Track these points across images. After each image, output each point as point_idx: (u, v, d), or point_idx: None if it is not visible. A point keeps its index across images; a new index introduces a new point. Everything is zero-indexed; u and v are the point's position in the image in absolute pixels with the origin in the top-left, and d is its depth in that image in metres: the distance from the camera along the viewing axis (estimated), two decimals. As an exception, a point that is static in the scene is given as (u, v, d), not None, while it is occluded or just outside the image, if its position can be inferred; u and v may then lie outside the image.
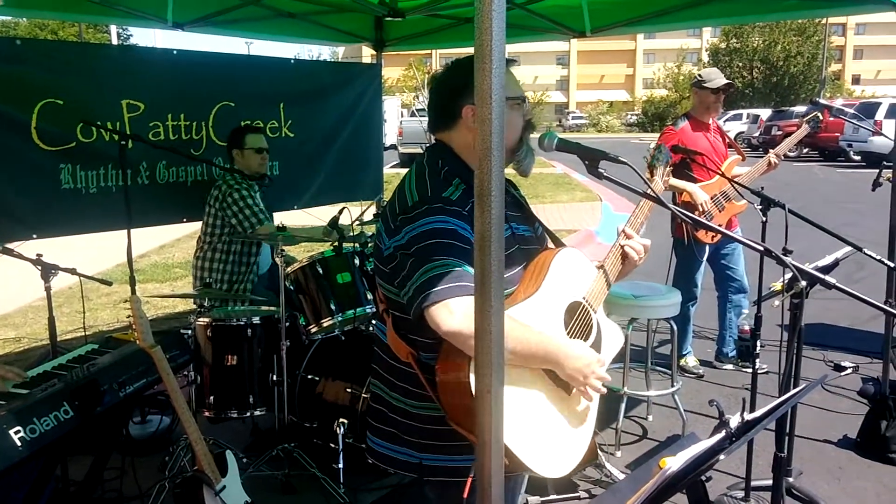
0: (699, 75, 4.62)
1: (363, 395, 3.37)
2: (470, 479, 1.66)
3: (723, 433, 1.48)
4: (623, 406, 3.75)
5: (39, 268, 2.87)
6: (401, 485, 3.29)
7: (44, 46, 5.89)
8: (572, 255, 1.92)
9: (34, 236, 3.85)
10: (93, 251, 6.86)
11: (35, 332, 5.83)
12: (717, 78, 4.58)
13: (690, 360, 4.83)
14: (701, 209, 4.30)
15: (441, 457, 1.81)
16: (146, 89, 4.26)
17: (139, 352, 2.56)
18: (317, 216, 5.48)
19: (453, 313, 1.58)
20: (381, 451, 1.91)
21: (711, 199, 4.39)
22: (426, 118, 2.03)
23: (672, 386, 3.89)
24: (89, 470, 2.61)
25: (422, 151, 1.98)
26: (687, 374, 4.73)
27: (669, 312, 3.79)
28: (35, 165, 3.83)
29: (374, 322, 3.70)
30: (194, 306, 4.14)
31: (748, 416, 1.51)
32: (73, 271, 3.01)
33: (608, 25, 5.11)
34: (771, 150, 4.59)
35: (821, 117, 4.63)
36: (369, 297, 3.64)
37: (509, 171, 1.94)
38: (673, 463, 1.36)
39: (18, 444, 2.01)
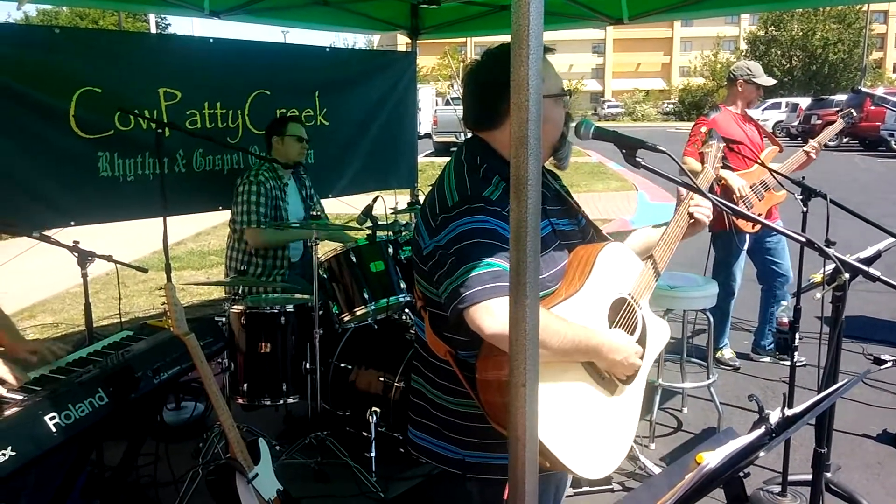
0: (748, 68, 4.48)
1: (396, 384, 3.37)
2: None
3: (762, 429, 1.44)
4: (657, 398, 3.69)
5: (76, 255, 2.90)
6: (433, 475, 3.28)
7: (82, 35, 5.98)
8: (618, 250, 1.88)
9: (72, 223, 3.92)
10: (130, 238, 6.96)
11: (72, 318, 5.95)
12: (764, 74, 4.48)
13: (727, 353, 4.75)
14: (738, 194, 4.21)
15: (484, 454, 1.79)
16: (183, 78, 4.30)
17: (174, 339, 2.57)
18: (351, 204, 5.50)
19: (494, 314, 1.54)
20: (424, 445, 1.90)
21: (750, 188, 4.29)
22: (461, 107, 1.99)
23: (708, 378, 3.82)
24: (123, 455, 2.65)
25: (456, 140, 1.94)
26: (723, 367, 4.65)
27: (706, 304, 3.72)
28: (73, 153, 3.89)
29: (412, 317, 3.70)
30: (229, 294, 4.19)
31: (789, 412, 1.46)
32: (109, 258, 3.05)
33: (646, 12, 5.01)
34: (812, 140, 4.46)
35: (854, 113, 4.53)
36: (402, 285, 3.63)
37: (549, 163, 1.92)
38: (711, 459, 1.32)
39: (53, 429, 2.03)
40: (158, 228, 3.73)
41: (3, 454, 1.84)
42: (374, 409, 3.30)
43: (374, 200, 3.64)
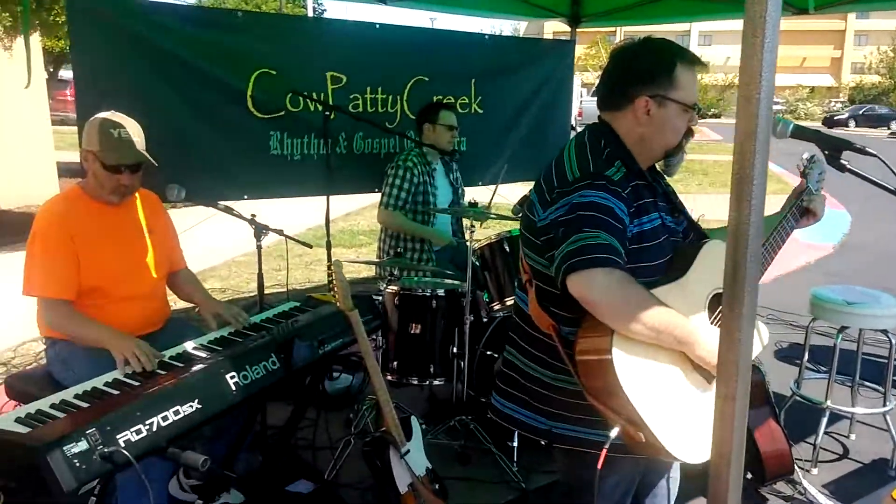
0: None
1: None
2: (604, 452, 1.69)
3: None
4: (824, 420, 3.42)
5: (253, 227, 3.08)
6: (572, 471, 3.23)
7: (263, 19, 6.31)
8: (719, 248, 1.86)
9: (245, 197, 4.16)
10: (285, 215, 7.34)
11: (237, 286, 6.35)
12: None
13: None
14: None
15: (572, 427, 1.84)
16: (349, 62, 4.44)
17: (337, 313, 2.69)
18: (498, 193, 5.48)
19: (594, 283, 1.60)
20: (508, 413, 1.98)
21: None
22: None
23: (884, 405, 3.49)
24: (289, 419, 2.79)
25: None
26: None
27: (886, 324, 3.40)
28: (249, 131, 4.12)
29: (516, 291, 3.63)
30: (377, 274, 4.31)
31: None
32: (280, 232, 3.22)
33: (835, 2, 4.62)
34: None
35: None
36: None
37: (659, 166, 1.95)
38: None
39: (233, 388, 2.17)
40: (311, 206, 3.85)
41: (192, 406, 1.98)
42: (518, 399, 3.28)
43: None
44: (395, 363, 3.55)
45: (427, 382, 3.59)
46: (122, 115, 2.62)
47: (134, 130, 2.60)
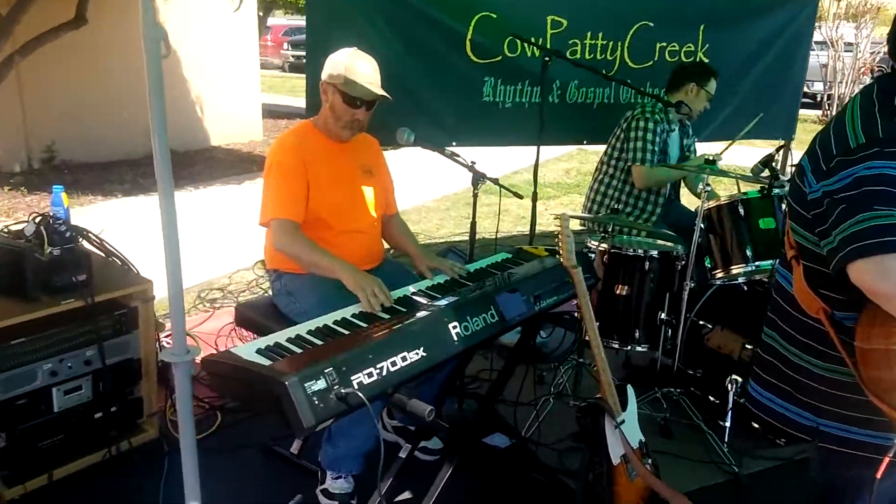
0: None
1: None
2: (887, 459, 1.46)
3: None
4: None
5: (472, 174, 3.02)
6: (794, 461, 2.96)
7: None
8: None
9: (453, 143, 4.09)
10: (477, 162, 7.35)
11: (428, 230, 6.45)
12: None
13: None
14: None
15: (844, 426, 1.64)
16: (571, 5, 4.22)
17: (554, 268, 2.59)
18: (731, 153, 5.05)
19: (887, 272, 1.37)
20: (769, 405, 1.79)
21: None
22: (823, 52, 1.64)
23: None
24: (500, 373, 2.75)
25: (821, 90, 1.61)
26: None
27: None
28: (464, 77, 4.05)
29: (777, 268, 3.33)
30: (585, 226, 4.15)
31: None
32: (495, 181, 3.13)
33: None
34: None
35: None
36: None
37: None
38: None
39: (455, 339, 2.11)
40: (498, 154, 3.66)
41: (417, 353, 1.96)
42: (734, 377, 3.05)
43: (778, 150, 3.22)
44: (598, 324, 3.39)
45: (629, 347, 3.43)
46: (363, 52, 2.64)
47: (374, 68, 2.62)
